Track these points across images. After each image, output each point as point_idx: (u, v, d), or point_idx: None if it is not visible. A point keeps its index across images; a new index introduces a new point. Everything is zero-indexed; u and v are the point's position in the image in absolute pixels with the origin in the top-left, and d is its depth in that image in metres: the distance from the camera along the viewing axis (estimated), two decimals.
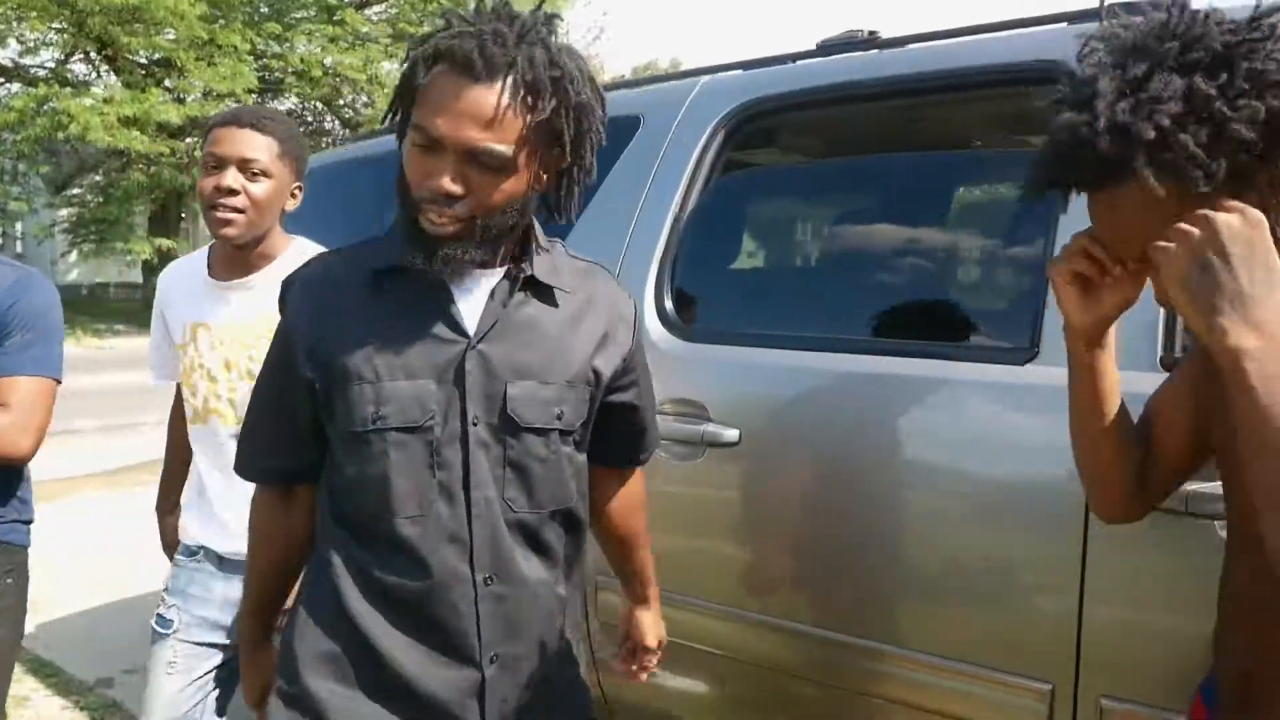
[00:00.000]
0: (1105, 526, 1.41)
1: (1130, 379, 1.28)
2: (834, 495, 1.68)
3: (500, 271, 1.21)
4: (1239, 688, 1.05)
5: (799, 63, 1.99)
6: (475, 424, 1.17)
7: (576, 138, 1.15)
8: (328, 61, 18.33)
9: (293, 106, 19.88)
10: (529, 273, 1.21)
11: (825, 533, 1.69)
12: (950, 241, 1.76)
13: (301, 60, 18.04)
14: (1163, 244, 0.87)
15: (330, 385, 1.17)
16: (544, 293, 1.23)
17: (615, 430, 1.34)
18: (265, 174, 1.75)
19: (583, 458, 1.29)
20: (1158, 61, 0.88)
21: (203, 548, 1.85)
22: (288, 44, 18.22)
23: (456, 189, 1.10)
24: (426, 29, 1.17)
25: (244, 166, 1.74)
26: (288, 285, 1.26)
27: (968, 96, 1.78)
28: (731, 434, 1.76)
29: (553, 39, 1.14)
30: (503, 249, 1.20)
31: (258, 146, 1.75)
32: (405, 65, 1.14)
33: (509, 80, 1.08)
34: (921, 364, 1.61)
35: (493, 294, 1.19)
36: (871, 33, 1.94)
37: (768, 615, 1.74)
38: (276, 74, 18.86)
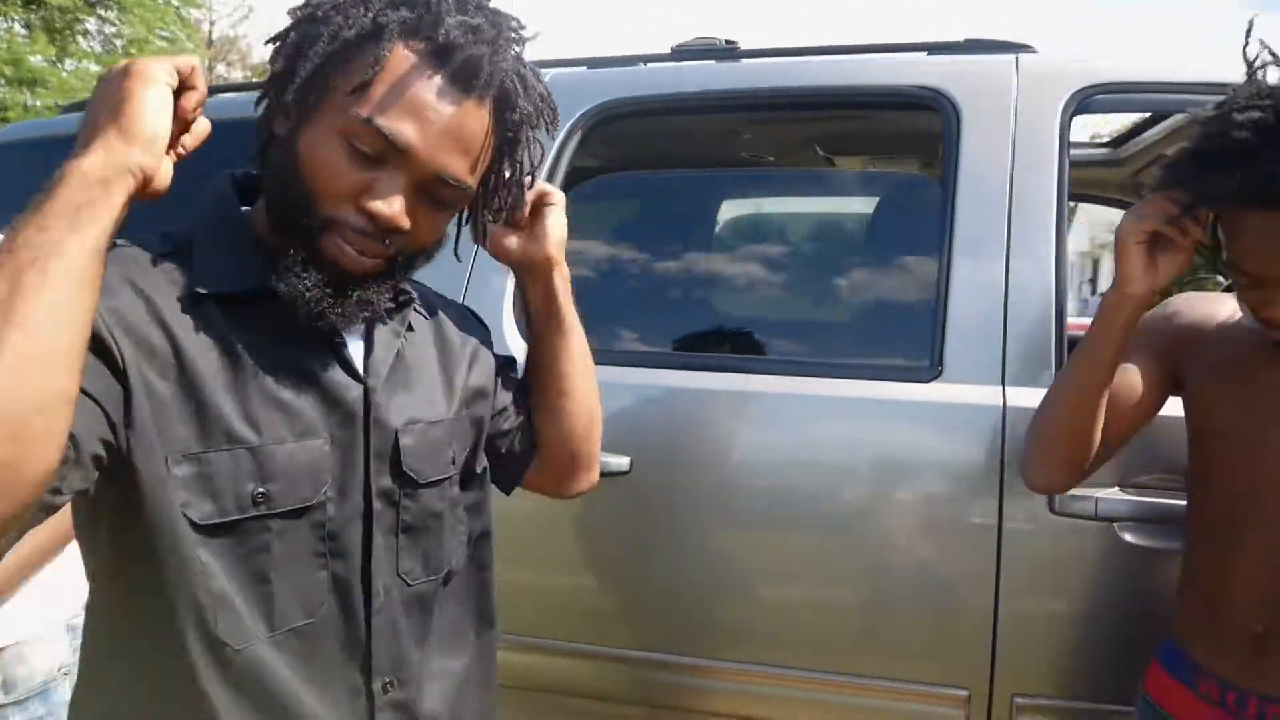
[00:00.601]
0: (1016, 535, 1.50)
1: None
2: (737, 520, 1.62)
3: None
4: (1255, 646, 1.11)
5: (664, 65, 1.90)
6: (374, 492, 0.88)
7: (519, 182, 0.96)
8: None
9: None
10: (413, 297, 0.96)
11: (728, 560, 1.63)
12: (845, 257, 1.77)
13: None
14: None
15: (168, 452, 0.77)
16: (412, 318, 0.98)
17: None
18: None
19: (474, 495, 1.02)
20: None
21: None
22: None
23: (408, 224, 0.83)
24: None
25: None
26: None
27: (870, 113, 1.80)
28: (622, 462, 1.64)
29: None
30: None
31: None
32: (351, 21, 0.80)
33: (499, 104, 0.85)
34: (825, 384, 1.59)
35: (377, 323, 0.92)
36: (729, 42, 1.91)
37: (673, 654, 1.64)
38: None
